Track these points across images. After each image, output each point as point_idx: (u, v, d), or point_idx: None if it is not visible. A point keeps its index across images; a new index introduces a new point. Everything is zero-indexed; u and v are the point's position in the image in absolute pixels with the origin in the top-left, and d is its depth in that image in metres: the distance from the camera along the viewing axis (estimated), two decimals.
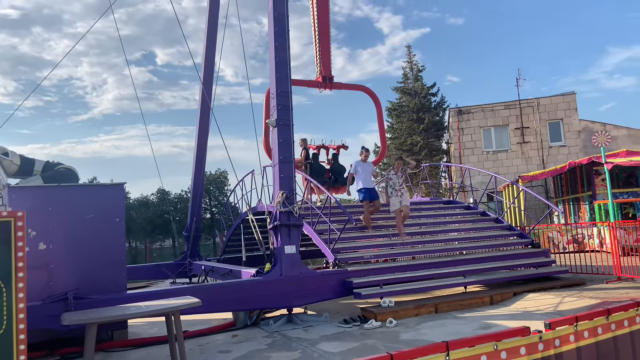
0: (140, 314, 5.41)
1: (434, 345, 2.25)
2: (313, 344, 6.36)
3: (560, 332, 2.50)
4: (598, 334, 2.64)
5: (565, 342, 2.50)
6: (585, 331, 2.59)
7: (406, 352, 2.16)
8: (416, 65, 32.78)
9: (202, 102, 13.70)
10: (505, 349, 2.33)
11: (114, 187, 7.33)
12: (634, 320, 2.85)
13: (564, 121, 24.60)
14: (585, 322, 2.59)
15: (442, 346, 2.22)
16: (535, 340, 2.41)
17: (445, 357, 2.24)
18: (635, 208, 15.18)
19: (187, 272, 13.49)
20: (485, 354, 2.31)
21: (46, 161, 9.18)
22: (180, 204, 35.91)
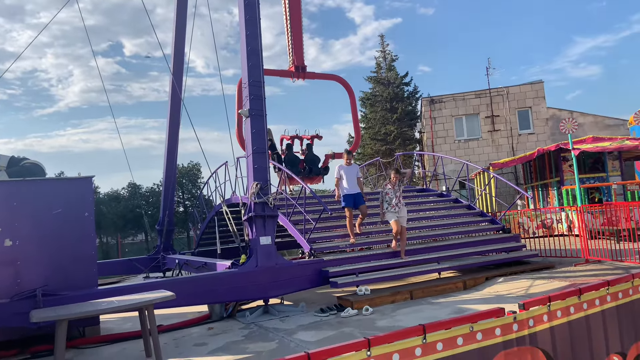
0: (112, 309, 5.30)
1: (410, 329, 2.26)
2: (290, 333, 6.36)
3: (534, 312, 2.56)
4: (570, 314, 2.70)
5: (539, 322, 2.55)
6: (558, 311, 2.65)
7: (383, 336, 2.17)
8: (389, 54, 32.92)
9: (173, 94, 13.43)
10: (481, 330, 2.37)
11: (82, 181, 7.12)
12: (605, 299, 2.93)
13: (533, 109, 25.12)
14: (557, 302, 2.65)
15: (419, 329, 2.24)
16: (509, 321, 2.45)
17: (422, 340, 2.25)
18: (601, 192, 15.66)
19: (160, 267, 13.29)
20: (461, 335, 2.33)
21: (11, 156, 8.86)
22: (152, 197, 35.32)
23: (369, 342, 2.07)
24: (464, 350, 2.35)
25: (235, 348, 5.94)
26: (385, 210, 9.27)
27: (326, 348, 2.03)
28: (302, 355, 1.94)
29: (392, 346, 2.17)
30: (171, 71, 12.90)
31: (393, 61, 32.70)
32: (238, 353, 5.70)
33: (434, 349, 2.28)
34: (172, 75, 12.93)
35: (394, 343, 2.16)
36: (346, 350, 2.05)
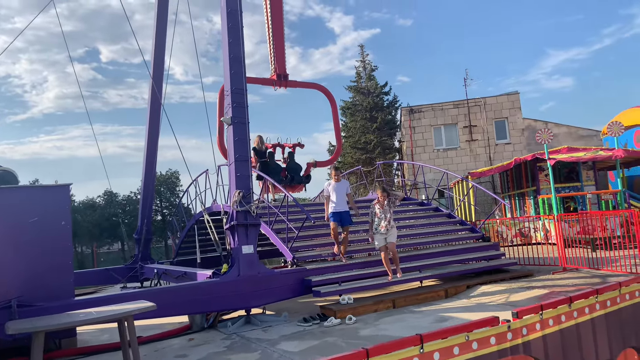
0: (91, 320, 5.15)
1: (408, 339, 2.25)
2: (273, 344, 6.29)
3: (527, 320, 2.58)
4: (562, 322, 2.74)
5: (532, 330, 2.57)
6: (550, 319, 2.68)
7: (381, 346, 2.15)
8: (369, 64, 33.21)
9: (152, 100, 13.24)
10: (476, 339, 2.38)
11: (59, 189, 6.95)
12: (594, 307, 2.98)
13: (509, 120, 25.62)
14: (549, 311, 2.68)
15: (417, 339, 2.23)
16: (504, 330, 2.47)
17: (420, 350, 2.25)
18: (576, 202, 16.01)
19: (138, 276, 13.02)
20: (458, 345, 2.34)
21: None
22: (129, 206, 34.71)
23: (367, 352, 2.06)
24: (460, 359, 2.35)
25: (217, 359, 5.84)
26: (374, 232, 8.68)
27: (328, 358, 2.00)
28: None
29: (390, 356, 2.16)
30: (151, 76, 12.74)
31: (373, 71, 33.04)
32: None
33: (431, 358, 2.27)
34: (152, 80, 12.76)
35: (392, 353, 2.15)
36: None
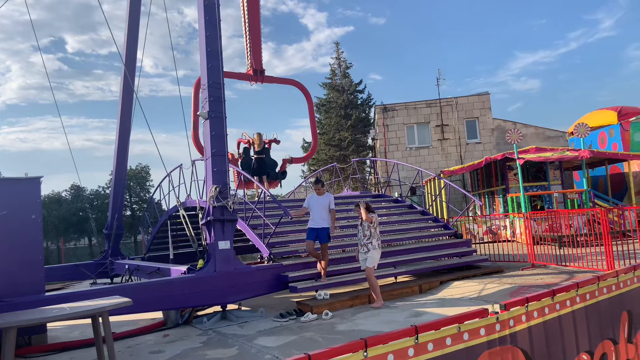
0: (64, 316, 5.03)
1: (404, 330, 2.31)
2: (250, 339, 6.28)
3: (514, 312, 2.67)
4: (545, 314, 2.84)
5: (518, 322, 2.67)
6: (534, 311, 2.78)
7: (379, 337, 2.20)
8: (344, 62, 33.31)
9: (124, 93, 12.99)
10: (467, 330, 2.45)
11: (29, 182, 6.75)
12: (575, 300, 3.10)
13: (479, 119, 26.16)
14: (534, 303, 2.78)
15: (412, 330, 2.29)
16: (493, 322, 2.55)
17: (415, 341, 2.30)
18: (543, 200, 16.51)
19: (108, 272, 12.77)
20: (450, 336, 2.41)
21: None
22: (97, 200, 33.87)
23: (365, 343, 2.09)
24: (452, 350, 2.42)
25: (193, 355, 5.79)
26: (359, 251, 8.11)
27: (325, 350, 2.03)
28: (303, 357, 1.92)
29: (387, 347, 2.20)
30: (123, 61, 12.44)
31: (348, 68, 33.17)
32: None
33: (425, 349, 2.33)
34: (124, 66, 12.46)
35: (389, 344, 2.20)
36: (344, 351, 2.06)
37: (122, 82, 12.99)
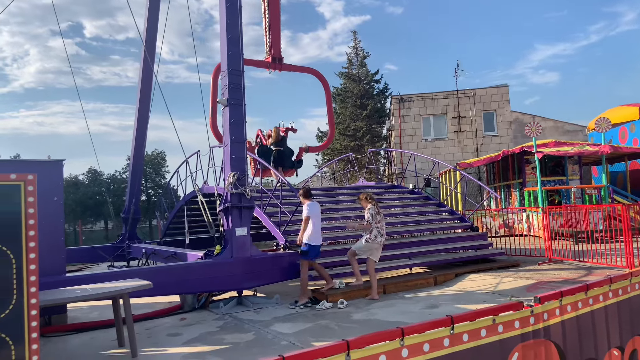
0: (87, 297, 5.13)
1: (439, 320, 2.32)
2: (266, 325, 6.34)
3: (548, 306, 2.66)
4: (579, 308, 2.83)
5: (552, 315, 2.66)
6: (568, 305, 2.77)
7: (415, 326, 2.22)
8: (361, 51, 33.03)
9: (143, 79, 13.06)
10: (502, 322, 2.45)
11: (52, 164, 6.85)
12: (607, 295, 3.08)
13: (497, 112, 25.85)
14: (568, 297, 2.77)
15: (447, 321, 2.30)
16: (527, 314, 2.55)
17: (450, 331, 2.31)
18: (560, 195, 16.31)
19: (125, 255, 12.96)
20: (485, 327, 2.41)
21: None
22: (113, 184, 34.28)
23: (402, 331, 2.10)
24: (486, 342, 2.42)
25: (210, 339, 5.87)
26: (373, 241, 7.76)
27: (362, 336, 2.05)
28: (341, 343, 1.94)
29: (423, 336, 2.22)
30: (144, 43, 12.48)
31: (365, 58, 32.89)
32: (214, 344, 5.63)
33: (460, 340, 2.34)
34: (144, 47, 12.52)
35: (425, 333, 2.21)
36: (382, 338, 2.08)
37: (142, 67, 13.06)
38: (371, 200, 7.98)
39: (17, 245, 3.15)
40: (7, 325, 3.07)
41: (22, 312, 3.13)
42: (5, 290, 3.09)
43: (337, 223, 9.96)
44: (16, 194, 3.22)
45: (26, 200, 3.22)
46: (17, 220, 3.17)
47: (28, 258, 3.16)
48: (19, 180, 3.25)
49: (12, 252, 3.14)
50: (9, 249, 3.13)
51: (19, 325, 3.11)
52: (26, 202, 3.22)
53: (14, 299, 3.10)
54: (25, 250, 3.16)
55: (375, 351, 2.11)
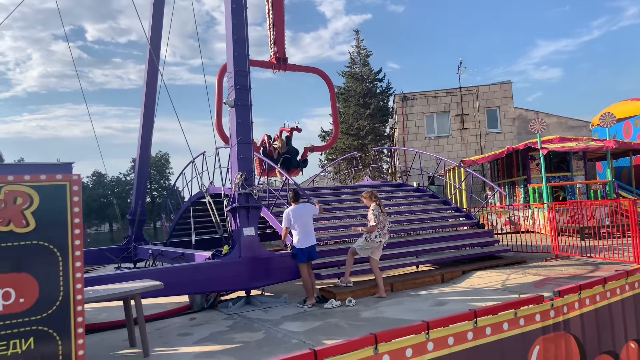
0: (99, 297, 5.18)
1: (463, 314, 2.37)
2: (275, 324, 6.38)
3: (568, 299, 2.70)
4: (597, 301, 2.87)
5: (572, 309, 2.71)
6: (587, 299, 2.81)
7: (440, 320, 2.27)
8: (364, 50, 33.04)
9: (148, 81, 13.12)
10: (523, 316, 2.50)
11: (62, 167, 6.83)
12: (624, 288, 3.11)
13: (501, 109, 25.82)
14: (587, 291, 2.82)
15: (471, 314, 2.35)
16: (547, 308, 2.60)
17: (474, 325, 2.35)
18: (565, 191, 16.30)
19: (132, 257, 13.03)
20: (507, 321, 2.47)
21: None
22: (118, 187, 34.43)
23: (427, 325, 2.15)
24: (509, 335, 2.47)
25: (221, 338, 5.92)
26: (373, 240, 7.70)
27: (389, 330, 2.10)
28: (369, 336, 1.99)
29: (448, 330, 2.26)
30: (149, 45, 12.56)
31: (368, 56, 32.91)
32: (225, 343, 5.68)
33: (484, 333, 2.39)
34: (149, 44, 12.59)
35: (449, 327, 2.25)
36: (408, 332, 2.12)
37: (147, 69, 13.12)
38: (375, 199, 7.92)
39: (64, 243, 3.28)
40: (54, 321, 3.20)
41: (68, 308, 3.26)
42: (53, 286, 3.23)
43: (341, 222, 10.00)
44: (62, 194, 3.33)
45: (71, 199, 3.32)
46: (63, 219, 3.29)
47: (74, 255, 3.31)
48: (65, 181, 3.35)
49: (59, 250, 3.27)
50: (55, 247, 3.26)
51: (65, 320, 3.25)
52: (71, 201, 3.31)
53: (61, 295, 3.24)
54: (72, 248, 3.29)
55: (402, 345, 2.16)
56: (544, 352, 2.59)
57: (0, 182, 3.18)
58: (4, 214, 3.17)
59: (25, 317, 3.13)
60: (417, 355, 2.21)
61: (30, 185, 3.24)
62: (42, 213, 3.24)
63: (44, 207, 3.25)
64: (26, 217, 3.22)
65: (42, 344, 3.13)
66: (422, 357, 2.23)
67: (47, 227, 3.24)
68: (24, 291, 3.11)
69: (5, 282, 3.07)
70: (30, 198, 3.23)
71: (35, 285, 3.16)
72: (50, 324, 3.19)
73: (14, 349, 3.10)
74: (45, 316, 3.17)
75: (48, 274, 3.22)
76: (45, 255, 3.22)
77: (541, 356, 2.61)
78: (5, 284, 3.07)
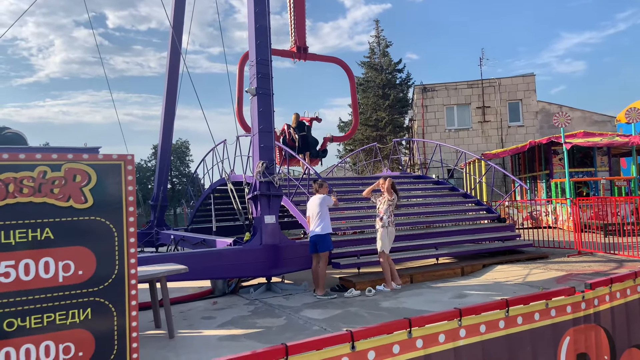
0: None
1: (495, 303, 2.39)
2: (296, 311, 6.46)
3: (599, 292, 2.70)
4: (627, 295, 2.86)
5: (602, 301, 2.71)
6: (617, 292, 2.80)
7: (472, 307, 2.29)
8: (384, 40, 32.74)
9: (170, 68, 13.24)
10: (555, 307, 2.51)
11: (89, 152, 7.03)
12: None
13: (523, 102, 25.41)
14: (617, 284, 2.81)
15: (503, 303, 2.37)
16: (579, 300, 2.60)
17: (505, 314, 2.38)
18: (588, 187, 16.04)
19: (154, 242, 13.26)
20: (538, 311, 2.48)
21: None
22: (139, 173, 34.95)
23: (460, 312, 2.18)
24: (540, 325, 2.48)
25: (243, 322, 6.02)
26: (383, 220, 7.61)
27: (422, 316, 2.13)
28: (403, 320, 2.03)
29: (480, 317, 2.29)
30: (172, 29, 12.67)
31: (387, 47, 32.60)
32: (248, 327, 5.78)
33: (515, 322, 2.41)
34: (172, 34, 12.71)
35: (482, 315, 2.28)
36: (440, 318, 2.16)
37: (169, 57, 13.25)
38: (395, 191, 7.81)
39: (119, 220, 3.43)
40: (110, 293, 3.37)
41: (123, 281, 3.43)
42: (109, 260, 3.39)
43: (360, 212, 10.02)
44: (117, 173, 3.48)
45: (126, 178, 3.47)
46: (118, 196, 3.45)
47: (128, 232, 3.46)
48: (120, 160, 3.49)
49: (114, 226, 3.43)
50: (111, 223, 3.42)
51: (121, 293, 3.41)
52: (126, 180, 3.47)
53: (116, 269, 3.40)
54: (126, 224, 3.45)
55: (435, 330, 2.19)
56: (574, 344, 2.59)
57: (61, 159, 3.35)
58: (64, 191, 3.32)
59: (83, 289, 3.32)
60: (449, 341, 2.24)
61: (88, 163, 3.40)
62: (99, 190, 3.40)
63: (101, 185, 3.41)
64: (84, 194, 3.37)
65: (99, 315, 3.32)
66: (455, 343, 2.26)
67: (103, 204, 3.40)
68: (83, 264, 3.28)
69: (65, 255, 3.25)
70: (88, 176, 3.38)
71: (92, 259, 3.33)
72: (107, 296, 3.37)
73: (73, 319, 3.26)
74: (101, 288, 3.35)
75: (104, 248, 3.38)
76: (101, 231, 3.39)
77: (571, 347, 2.60)
78: (65, 257, 3.24)
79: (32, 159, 3.27)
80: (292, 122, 12.88)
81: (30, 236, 3.21)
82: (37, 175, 3.28)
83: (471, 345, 2.26)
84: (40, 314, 3.18)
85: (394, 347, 2.07)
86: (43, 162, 3.29)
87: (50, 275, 3.19)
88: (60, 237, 3.27)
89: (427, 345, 2.18)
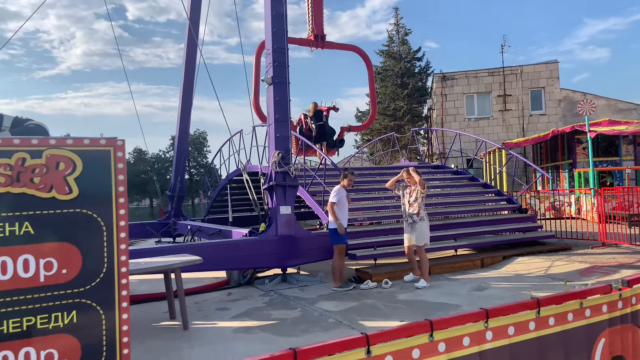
0: (140, 270, 5.28)
1: (525, 302, 2.25)
2: (311, 302, 6.38)
3: (637, 290, 2.52)
4: None
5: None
6: None
7: (499, 308, 2.15)
8: (403, 28, 32.22)
9: (187, 58, 13.18)
10: (589, 306, 2.35)
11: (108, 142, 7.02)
12: None
13: (546, 90, 24.77)
14: None
15: (534, 303, 2.22)
16: (615, 298, 2.43)
17: (536, 314, 2.23)
18: (613, 177, 15.58)
19: (171, 232, 13.32)
20: (572, 311, 2.32)
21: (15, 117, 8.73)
22: (157, 163, 35.26)
23: (487, 313, 2.04)
24: (573, 327, 2.33)
25: (258, 314, 5.96)
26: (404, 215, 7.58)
27: (444, 317, 2.00)
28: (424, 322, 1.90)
29: (508, 319, 2.15)
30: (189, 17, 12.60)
31: (406, 35, 32.08)
32: (262, 319, 5.72)
33: (547, 323, 2.25)
34: (189, 26, 12.63)
35: (510, 315, 2.14)
36: (465, 320, 2.02)
37: (186, 47, 13.18)
38: (423, 186, 7.44)
39: (108, 213, 3.07)
40: (98, 294, 3.02)
41: (112, 281, 3.06)
42: (96, 258, 3.03)
43: (377, 203, 9.87)
44: (106, 160, 3.08)
45: (116, 166, 3.07)
46: (107, 186, 3.07)
47: (118, 225, 3.08)
48: (109, 146, 3.08)
49: (103, 219, 3.06)
50: (99, 216, 3.06)
51: (110, 293, 3.06)
52: (116, 168, 3.07)
53: (105, 267, 3.04)
54: (116, 217, 3.08)
55: (459, 332, 2.05)
56: (610, 346, 2.43)
57: (42, 145, 2.97)
58: (45, 180, 2.95)
59: (68, 289, 2.96)
60: (474, 345, 2.09)
61: (72, 149, 2.99)
62: (86, 179, 3.01)
63: (87, 174, 3.02)
64: (69, 184, 3.00)
65: (85, 317, 2.96)
66: (481, 346, 2.11)
67: (90, 195, 3.03)
68: (67, 261, 2.93)
69: (47, 252, 2.90)
70: (73, 163, 2.99)
71: (78, 256, 2.99)
72: (94, 296, 3.02)
73: (56, 323, 2.93)
74: (88, 288, 3.01)
75: (91, 244, 3.03)
76: (88, 225, 3.03)
77: (606, 350, 2.45)
78: (47, 254, 2.90)
79: (9, 144, 2.86)
80: (310, 111, 12.77)
81: (8, 231, 2.83)
82: (14, 163, 2.87)
83: (498, 348, 2.12)
84: (19, 318, 2.81)
85: (414, 352, 1.94)
86: (22, 148, 2.88)
87: (30, 274, 2.83)
88: (42, 232, 2.90)
89: (450, 349, 2.05)
